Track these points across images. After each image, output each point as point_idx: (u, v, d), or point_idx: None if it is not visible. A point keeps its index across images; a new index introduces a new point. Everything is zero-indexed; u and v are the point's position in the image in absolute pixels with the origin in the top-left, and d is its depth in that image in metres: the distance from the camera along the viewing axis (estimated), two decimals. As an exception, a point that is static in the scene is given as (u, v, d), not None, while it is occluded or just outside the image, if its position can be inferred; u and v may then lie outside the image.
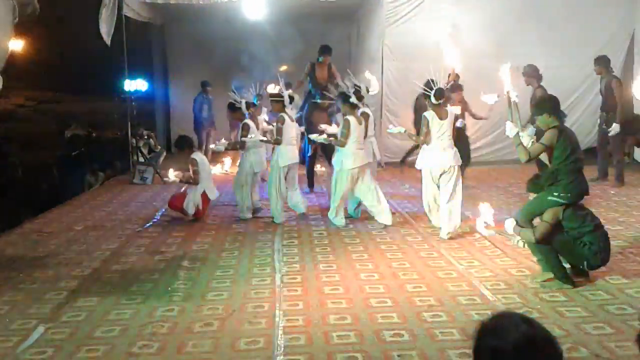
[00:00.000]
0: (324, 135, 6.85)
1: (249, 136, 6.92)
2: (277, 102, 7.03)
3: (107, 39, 9.47)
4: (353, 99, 6.55)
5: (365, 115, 6.94)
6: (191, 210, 7.02)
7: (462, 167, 7.10)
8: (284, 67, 14.33)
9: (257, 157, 7.22)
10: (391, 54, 10.40)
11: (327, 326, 3.93)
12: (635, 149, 10.33)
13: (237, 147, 7.26)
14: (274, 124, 7.29)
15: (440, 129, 5.95)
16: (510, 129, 4.71)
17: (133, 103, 10.87)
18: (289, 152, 6.99)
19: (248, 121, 7.12)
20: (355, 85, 6.80)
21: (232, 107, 7.31)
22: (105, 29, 9.36)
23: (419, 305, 4.25)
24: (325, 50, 8.77)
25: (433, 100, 5.94)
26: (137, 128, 11.05)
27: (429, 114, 5.98)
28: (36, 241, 6.44)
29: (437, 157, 6.01)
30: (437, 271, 5.02)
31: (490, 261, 5.26)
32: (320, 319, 4.06)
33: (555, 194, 4.46)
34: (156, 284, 4.89)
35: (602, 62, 8.49)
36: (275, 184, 6.93)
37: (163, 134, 14.12)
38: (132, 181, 9.94)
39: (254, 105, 7.71)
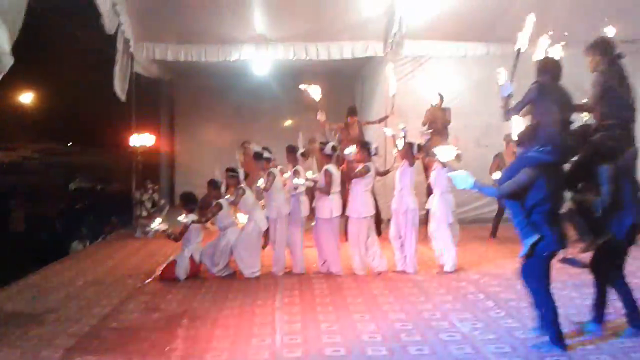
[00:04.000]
0: (309, 182, 7.18)
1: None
2: (233, 177, 7.24)
3: (122, 95, 9.70)
4: (327, 150, 7.16)
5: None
6: (183, 276, 6.99)
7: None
8: (288, 122, 14.55)
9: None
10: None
11: (327, 390, 3.84)
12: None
13: (202, 220, 7.26)
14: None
15: None
16: (505, 89, 4.59)
17: (139, 157, 10.98)
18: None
19: (222, 201, 7.19)
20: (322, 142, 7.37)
21: (214, 185, 7.37)
22: (119, 86, 9.59)
23: (422, 369, 4.16)
24: (351, 111, 9.50)
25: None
26: (143, 181, 11.11)
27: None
28: (35, 296, 6.39)
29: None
30: (440, 333, 4.92)
31: (494, 323, 5.17)
32: (320, 382, 3.97)
33: (535, 148, 4.26)
34: (154, 343, 4.80)
35: None
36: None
37: (167, 188, 14.18)
38: (134, 235, 9.93)
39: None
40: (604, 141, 4.51)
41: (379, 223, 9.05)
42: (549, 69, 4.51)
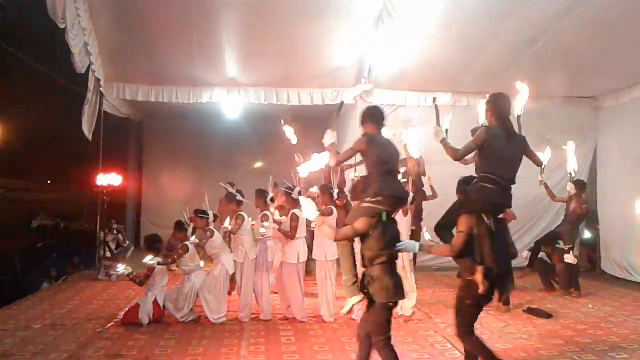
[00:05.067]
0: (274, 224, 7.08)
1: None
2: (202, 219, 7.15)
3: (89, 135, 9.62)
4: (294, 195, 7.05)
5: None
6: (145, 321, 6.81)
7: None
8: (258, 164, 14.57)
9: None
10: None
11: None
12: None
13: (168, 262, 7.11)
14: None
15: None
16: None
17: (105, 196, 10.81)
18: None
19: (188, 243, 7.09)
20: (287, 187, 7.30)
21: (180, 227, 7.29)
22: (87, 126, 9.53)
23: (388, 422, 4.09)
24: None
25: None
26: (108, 221, 10.92)
27: None
28: (-10, 339, 6.17)
29: None
30: (406, 384, 4.89)
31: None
32: None
33: (367, 198, 4.20)
34: (113, 393, 4.66)
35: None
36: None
37: (133, 228, 13.97)
38: (97, 277, 9.70)
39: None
40: (474, 193, 4.41)
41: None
42: (376, 120, 4.48)
